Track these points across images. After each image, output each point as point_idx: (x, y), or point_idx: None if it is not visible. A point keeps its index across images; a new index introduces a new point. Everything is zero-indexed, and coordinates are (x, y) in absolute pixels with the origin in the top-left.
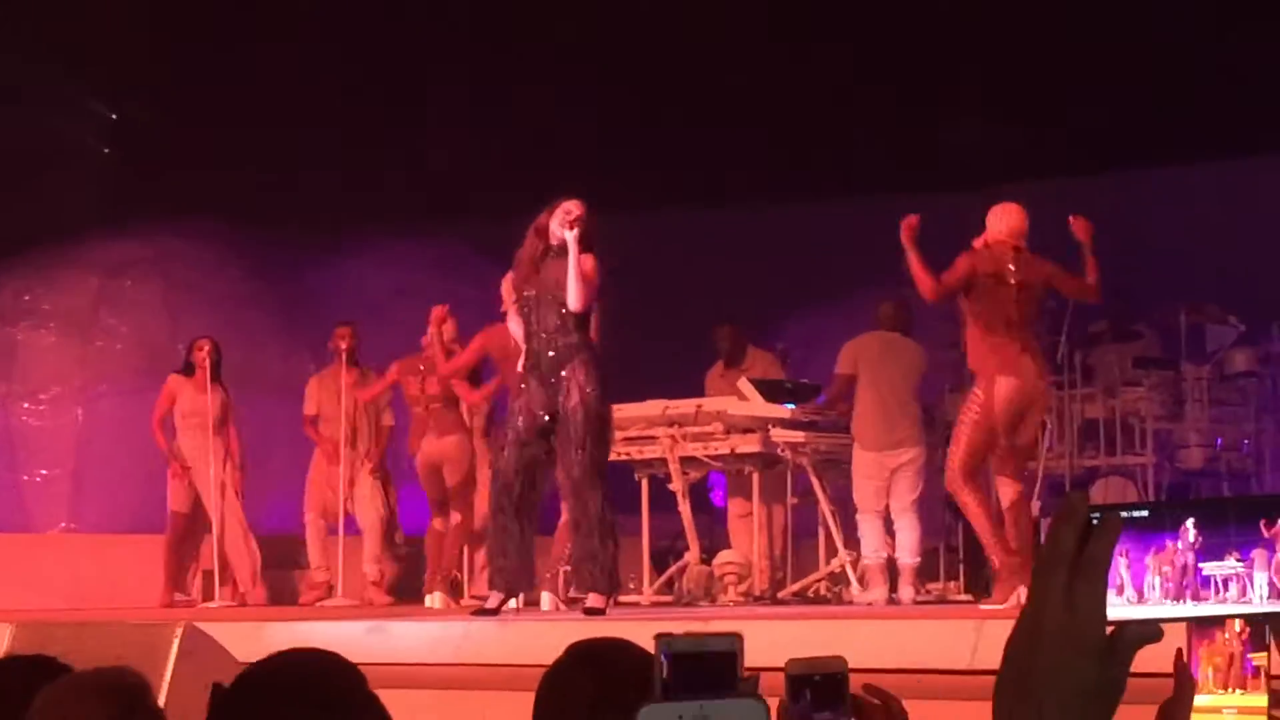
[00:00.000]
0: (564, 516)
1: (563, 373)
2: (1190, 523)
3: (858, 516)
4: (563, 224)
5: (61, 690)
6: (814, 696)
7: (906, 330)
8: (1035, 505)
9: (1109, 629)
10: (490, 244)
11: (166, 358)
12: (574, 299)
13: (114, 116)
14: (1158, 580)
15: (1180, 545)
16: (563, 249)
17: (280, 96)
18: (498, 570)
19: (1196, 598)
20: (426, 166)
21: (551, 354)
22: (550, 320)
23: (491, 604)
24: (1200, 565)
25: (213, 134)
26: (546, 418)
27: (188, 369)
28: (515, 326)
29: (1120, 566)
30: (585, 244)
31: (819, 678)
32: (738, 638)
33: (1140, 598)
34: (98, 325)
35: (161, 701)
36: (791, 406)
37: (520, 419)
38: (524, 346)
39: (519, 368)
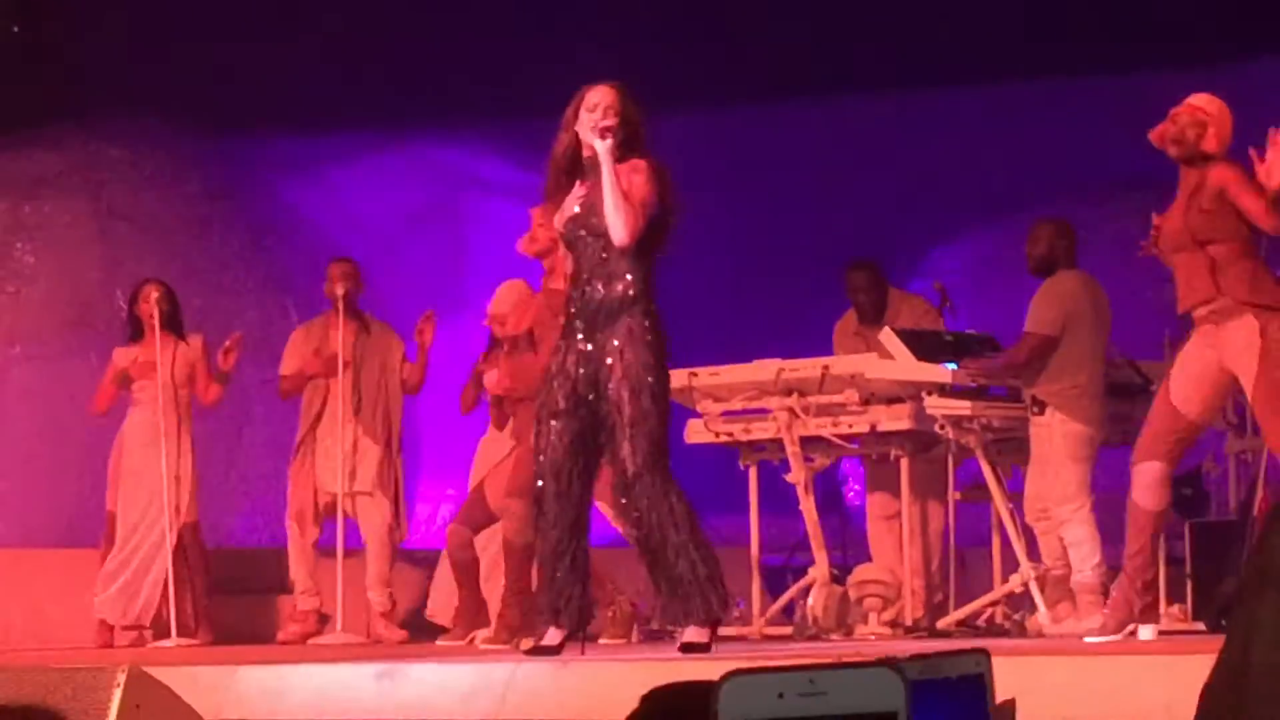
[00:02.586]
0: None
1: (604, 333)
2: None
3: (1061, 512)
4: (593, 129)
5: None
6: None
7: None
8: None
9: None
10: (527, 148)
11: (102, 307)
12: (616, 230)
13: None
14: None
15: None
16: (598, 162)
17: None
18: (557, 596)
19: None
20: (443, 51)
21: (592, 308)
22: (591, 260)
23: (551, 641)
24: None
25: (154, 9)
26: (590, 394)
27: (135, 330)
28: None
29: None
30: (629, 148)
31: None
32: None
33: None
34: (7, 266)
35: None
36: (953, 366)
37: (559, 394)
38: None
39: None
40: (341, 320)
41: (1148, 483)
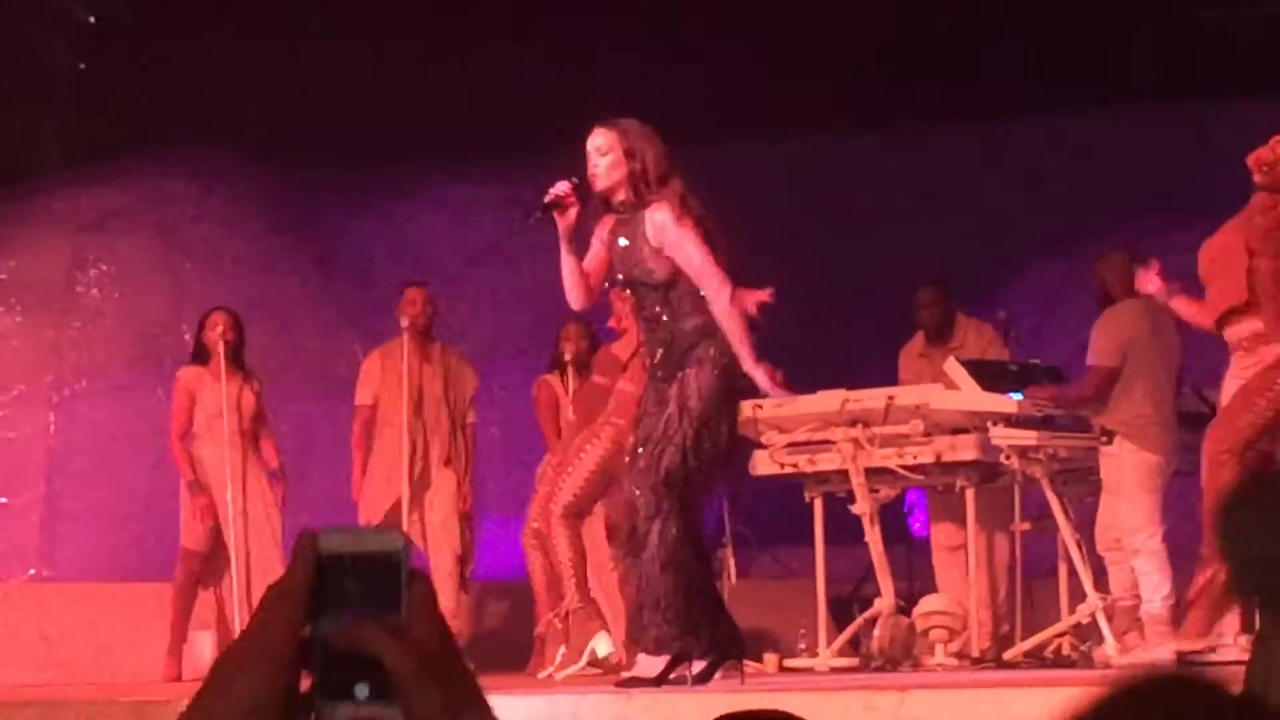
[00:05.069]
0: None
1: (679, 368)
2: None
3: (1131, 542)
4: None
5: None
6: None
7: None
8: None
9: None
10: None
11: (168, 341)
12: (718, 301)
13: (92, 19)
14: None
15: None
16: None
17: None
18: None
19: None
20: (512, 85)
21: (668, 347)
22: (653, 302)
23: (646, 672)
24: None
25: (223, 43)
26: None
27: (200, 354)
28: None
29: None
30: (641, 188)
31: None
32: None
33: None
34: (74, 300)
35: None
36: (1019, 396)
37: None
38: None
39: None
40: (406, 347)
41: None
